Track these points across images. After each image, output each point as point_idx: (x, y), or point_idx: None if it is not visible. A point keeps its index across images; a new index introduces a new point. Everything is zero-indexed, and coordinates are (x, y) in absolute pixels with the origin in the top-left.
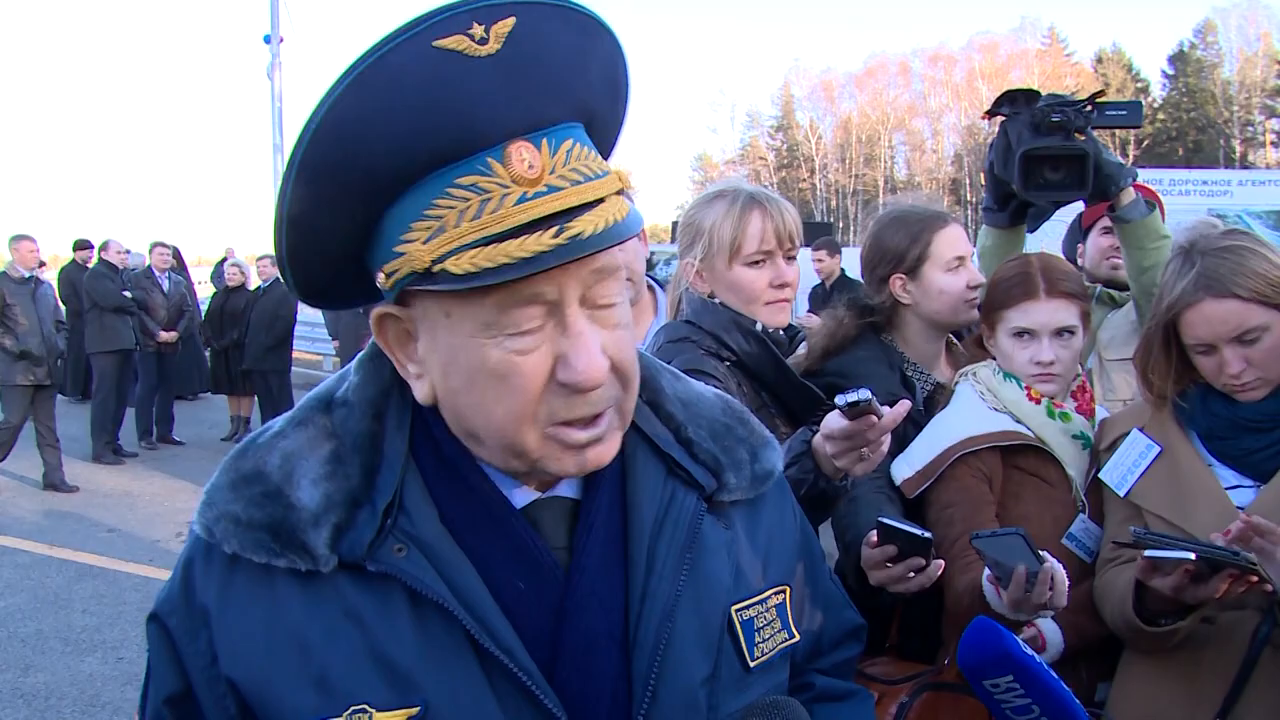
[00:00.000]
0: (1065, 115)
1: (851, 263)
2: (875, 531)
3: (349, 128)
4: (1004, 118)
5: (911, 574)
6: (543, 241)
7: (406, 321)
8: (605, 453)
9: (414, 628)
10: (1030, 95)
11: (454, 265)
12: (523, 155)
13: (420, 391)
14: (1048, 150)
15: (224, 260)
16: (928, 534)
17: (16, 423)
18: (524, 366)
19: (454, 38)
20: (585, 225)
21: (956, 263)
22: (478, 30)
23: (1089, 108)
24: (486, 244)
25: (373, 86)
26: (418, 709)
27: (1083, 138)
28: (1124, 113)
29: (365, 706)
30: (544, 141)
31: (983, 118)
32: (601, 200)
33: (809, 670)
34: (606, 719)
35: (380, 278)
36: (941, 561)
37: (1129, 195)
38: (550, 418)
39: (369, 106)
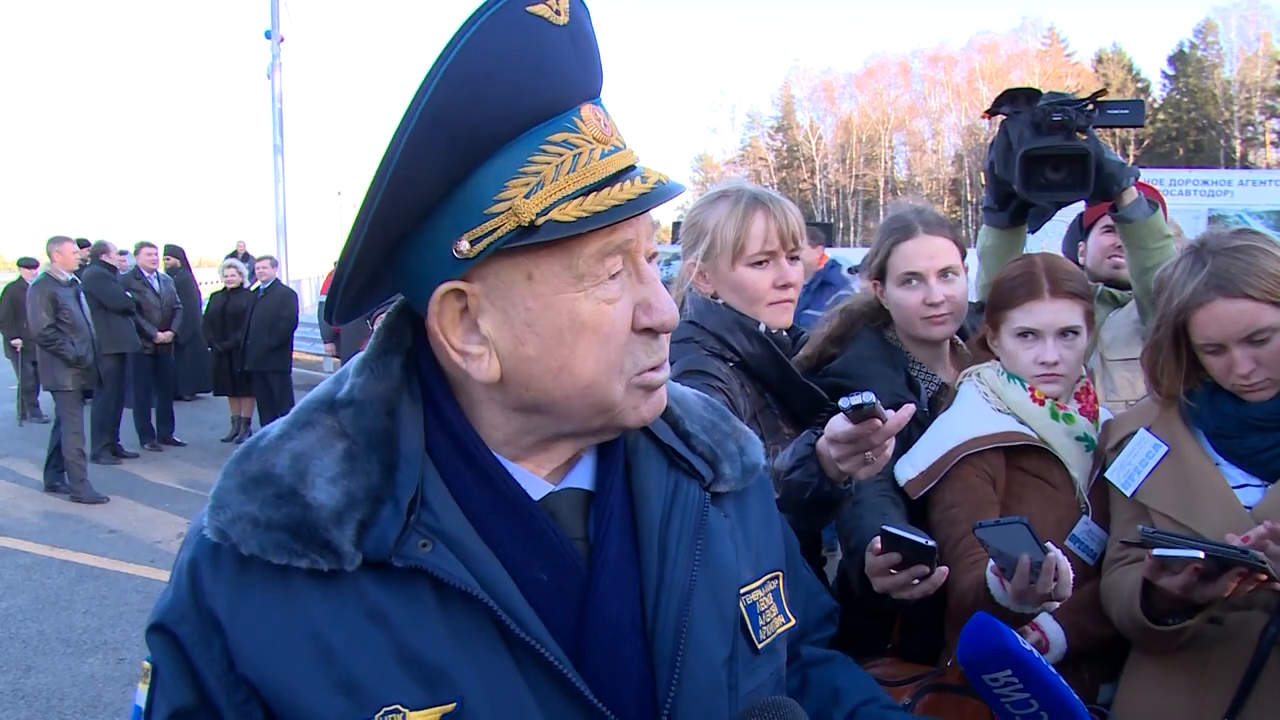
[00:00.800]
0: (1066, 114)
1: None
2: (879, 539)
3: (471, 77)
4: (1004, 117)
5: (915, 581)
6: (637, 187)
7: (471, 296)
8: (664, 399)
9: (443, 623)
10: (1031, 94)
11: (561, 214)
12: (597, 116)
13: (485, 369)
14: (1049, 150)
15: (233, 254)
16: (931, 542)
17: (78, 428)
18: (613, 314)
19: (540, 5)
20: (656, 175)
21: (909, 278)
22: (552, 2)
23: (1090, 107)
24: (586, 194)
25: (487, 42)
26: (453, 705)
27: (1084, 137)
28: (1126, 111)
29: (398, 707)
30: (599, 107)
31: (983, 117)
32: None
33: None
34: (635, 705)
35: (463, 246)
36: (945, 569)
37: (1131, 194)
38: (634, 366)
39: (486, 60)
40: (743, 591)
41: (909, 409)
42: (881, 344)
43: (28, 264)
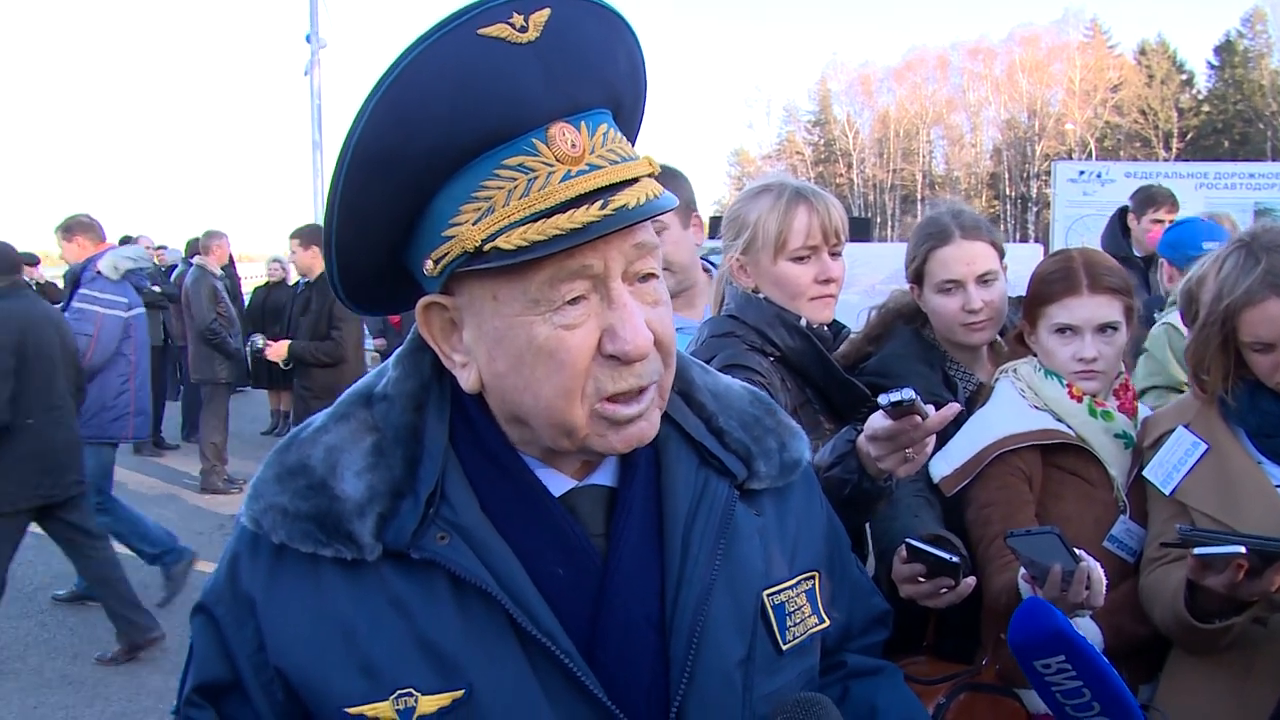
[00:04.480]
0: None
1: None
2: (904, 548)
3: (403, 113)
4: None
5: (942, 591)
6: (590, 213)
7: (452, 310)
8: (648, 429)
9: (457, 613)
10: None
11: (505, 242)
12: (566, 135)
13: (466, 379)
14: None
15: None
16: (955, 558)
17: (224, 418)
18: (571, 340)
19: (497, 26)
20: (628, 198)
21: (948, 285)
22: (518, 19)
23: None
24: (535, 220)
25: (424, 72)
26: (462, 692)
27: None
28: None
29: (411, 690)
30: (582, 124)
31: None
32: (637, 179)
33: (840, 651)
34: (645, 701)
35: (428, 265)
36: (972, 580)
37: None
38: (598, 393)
39: (421, 92)
40: (772, 591)
41: (953, 408)
42: (918, 342)
43: (128, 241)
